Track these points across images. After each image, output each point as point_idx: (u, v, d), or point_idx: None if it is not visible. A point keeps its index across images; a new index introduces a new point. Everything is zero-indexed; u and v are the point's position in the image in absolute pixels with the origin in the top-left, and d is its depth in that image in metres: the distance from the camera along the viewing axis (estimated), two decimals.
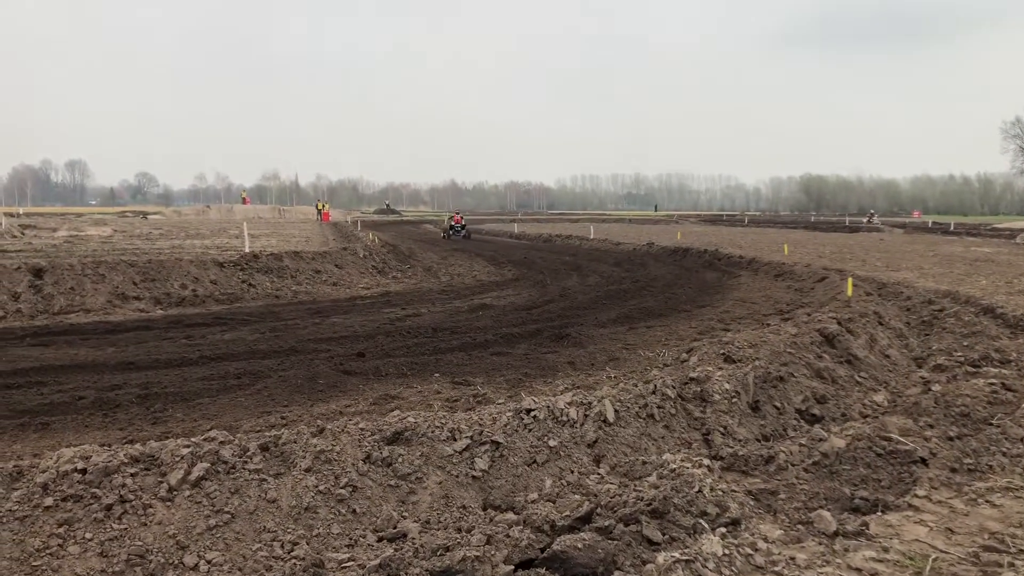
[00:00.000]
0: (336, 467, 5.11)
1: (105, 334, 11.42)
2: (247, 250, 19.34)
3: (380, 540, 4.76)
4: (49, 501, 4.36)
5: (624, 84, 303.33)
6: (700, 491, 5.03)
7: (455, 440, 5.63)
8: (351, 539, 4.72)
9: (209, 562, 4.32)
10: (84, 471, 4.54)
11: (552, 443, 5.90)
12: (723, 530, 4.61)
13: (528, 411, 6.06)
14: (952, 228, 56.18)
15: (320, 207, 68.27)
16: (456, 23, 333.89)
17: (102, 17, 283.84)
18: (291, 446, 5.17)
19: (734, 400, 7.18)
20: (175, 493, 4.61)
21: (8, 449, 6.13)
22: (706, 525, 4.70)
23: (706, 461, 5.84)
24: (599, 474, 5.82)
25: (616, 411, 6.37)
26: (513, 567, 4.26)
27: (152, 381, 8.25)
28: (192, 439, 5.08)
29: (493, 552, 4.34)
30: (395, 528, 4.88)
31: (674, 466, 5.58)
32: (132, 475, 4.62)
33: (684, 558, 3.98)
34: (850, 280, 14.11)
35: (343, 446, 5.28)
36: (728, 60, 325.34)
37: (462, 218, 44.78)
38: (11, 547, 4.14)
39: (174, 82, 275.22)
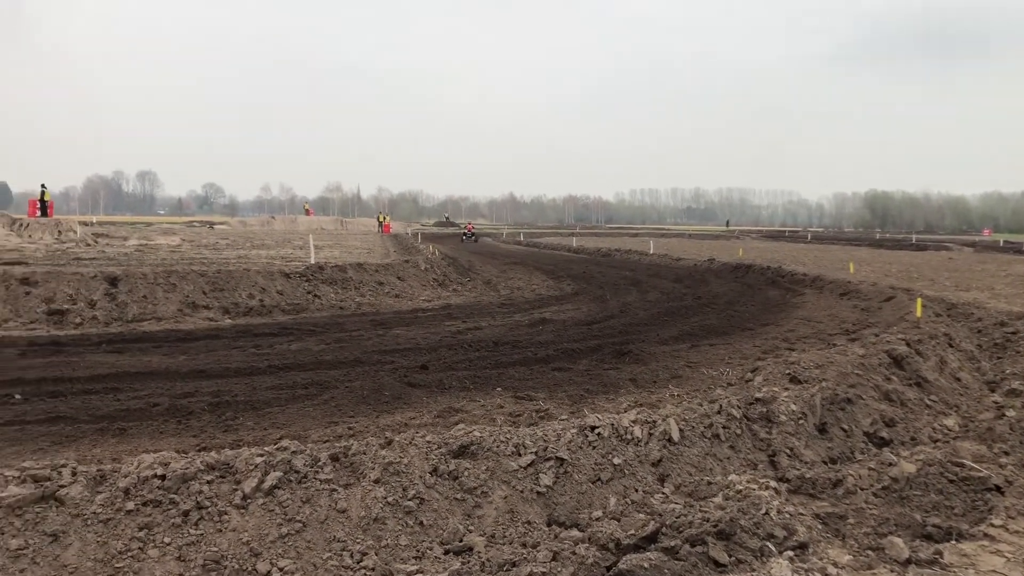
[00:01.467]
0: (404, 479, 5.19)
1: (176, 342, 11.75)
2: (312, 261, 19.70)
3: (447, 553, 4.81)
4: (130, 505, 4.52)
5: (685, 99, 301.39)
6: (767, 513, 4.99)
7: (520, 455, 5.66)
8: (418, 551, 4.78)
9: (281, 569, 4.43)
10: (163, 477, 4.69)
11: (616, 461, 5.90)
12: (791, 554, 4.57)
13: (592, 428, 6.08)
14: None
15: (381, 219, 69.20)
16: (518, 34, 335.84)
17: (171, 34, 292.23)
18: (360, 457, 5.26)
19: (800, 421, 7.08)
20: (249, 501, 4.73)
21: (88, 453, 6.34)
22: (773, 548, 4.66)
23: (772, 483, 5.77)
24: (663, 493, 5.80)
25: (681, 430, 6.34)
26: None
27: (223, 389, 8.47)
28: (265, 448, 5.21)
29: (559, 569, 4.37)
30: (461, 541, 4.93)
31: (740, 487, 5.54)
32: (208, 482, 4.77)
33: None
34: (919, 300, 13.80)
35: (411, 458, 5.36)
36: (790, 74, 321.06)
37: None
38: (95, 548, 4.29)
39: (240, 93, 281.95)
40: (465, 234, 60.88)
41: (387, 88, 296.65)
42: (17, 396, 8.11)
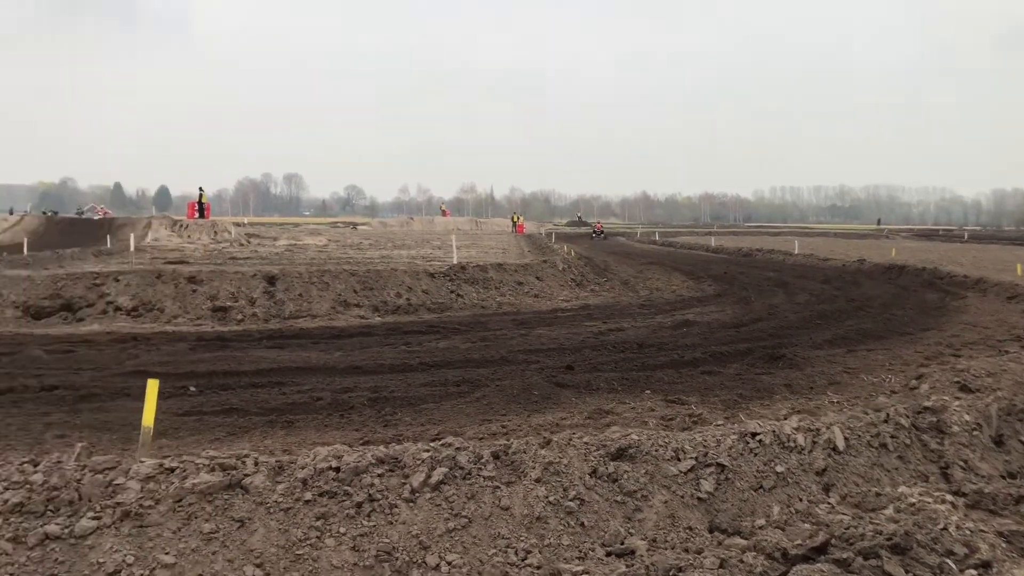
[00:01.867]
0: (564, 479, 5.22)
1: (331, 339, 12.25)
2: (455, 262, 20.12)
3: (608, 555, 4.81)
4: (308, 496, 4.74)
5: (826, 94, 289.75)
6: (945, 528, 4.75)
7: (679, 460, 5.59)
8: (581, 551, 4.80)
9: (450, 563, 4.54)
10: (338, 469, 4.89)
11: (779, 469, 5.74)
12: (973, 572, 4.33)
13: (753, 435, 5.93)
14: None
15: (515, 219, 69.98)
16: (659, 32, 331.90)
17: (314, 41, 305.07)
18: (521, 456, 5.33)
19: (975, 433, 6.69)
20: (417, 495, 4.88)
21: (260, 444, 6.69)
22: (953, 566, 4.43)
23: (948, 497, 5.48)
24: (829, 503, 5.60)
25: (846, 439, 6.11)
26: None
27: (379, 385, 8.77)
28: (431, 444, 5.36)
29: None
30: (623, 544, 4.91)
31: (913, 500, 5.29)
32: (379, 476, 4.94)
33: None
34: None
35: (570, 459, 5.38)
36: (943, 67, 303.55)
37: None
38: (278, 535, 4.53)
39: (379, 97, 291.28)
40: (594, 232, 64.36)
41: (520, 88, 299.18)
42: (192, 388, 8.65)
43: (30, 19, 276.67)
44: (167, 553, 4.28)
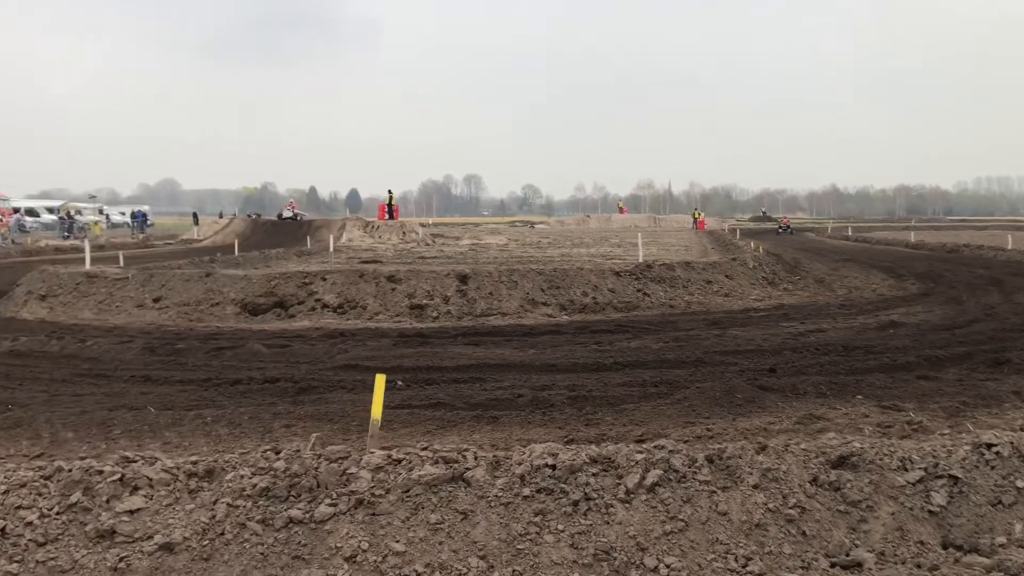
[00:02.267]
0: (783, 486, 5.05)
1: (523, 336, 12.48)
2: (640, 260, 19.98)
3: (833, 566, 4.61)
4: (526, 491, 4.84)
5: None
6: None
7: (906, 470, 5.28)
8: (803, 561, 4.63)
9: (668, 566, 4.50)
10: (553, 467, 4.97)
11: (1020, 484, 5.29)
12: None
13: (989, 446, 5.51)
14: None
15: (696, 215, 68.68)
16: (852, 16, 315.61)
17: (490, 44, 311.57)
18: (736, 460, 5.21)
19: None
20: (632, 496, 4.87)
21: (468, 437, 6.91)
22: None
23: None
24: None
25: None
26: None
27: (576, 384, 8.84)
28: (643, 446, 5.34)
29: None
30: (848, 556, 4.70)
31: None
32: (594, 475, 4.97)
33: None
34: None
35: (788, 465, 5.21)
36: None
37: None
38: (499, 529, 4.66)
39: (550, 96, 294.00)
40: (780, 227, 65.78)
41: (690, 83, 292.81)
42: (399, 383, 9.06)
43: (227, 30, 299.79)
44: (397, 541, 4.50)
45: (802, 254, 33.54)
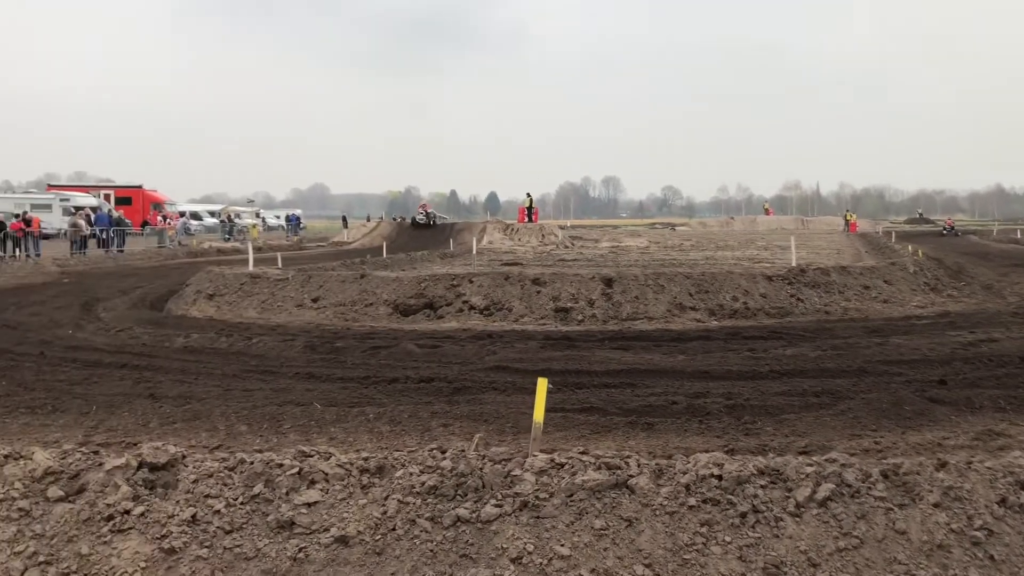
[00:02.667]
0: (967, 506, 4.76)
1: (671, 342, 12.31)
2: (793, 264, 19.34)
3: None
4: (692, 501, 4.76)
5: None
6: None
7: None
8: None
9: None
10: (720, 477, 4.87)
11: None
12: None
13: None
14: None
15: (848, 217, 65.91)
16: None
17: (628, 41, 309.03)
18: (914, 477, 4.95)
19: None
20: (803, 510, 4.71)
21: (624, 444, 6.88)
22: None
23: None
24: None
25: None
26: None
27: (732, 392, 8.64)
28: (813, 459, 5.16)
29: None
30: None
31: None
32: (762, 487, 4.84)
33: None
34: None
35: (972, 484, 4.90)
36: None
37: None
38: (664, 538, 4.60)
39: (691, 96, 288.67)
40: (945, 228, 63.83)
41: (846, 80, 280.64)
42: (549, 386, 9.09)
43: (375, 42, 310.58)
44: (562, 545, 4.52)
45: (965, 258, 31.52)
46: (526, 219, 55.69)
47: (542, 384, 5.46)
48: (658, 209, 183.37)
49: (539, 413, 5.47)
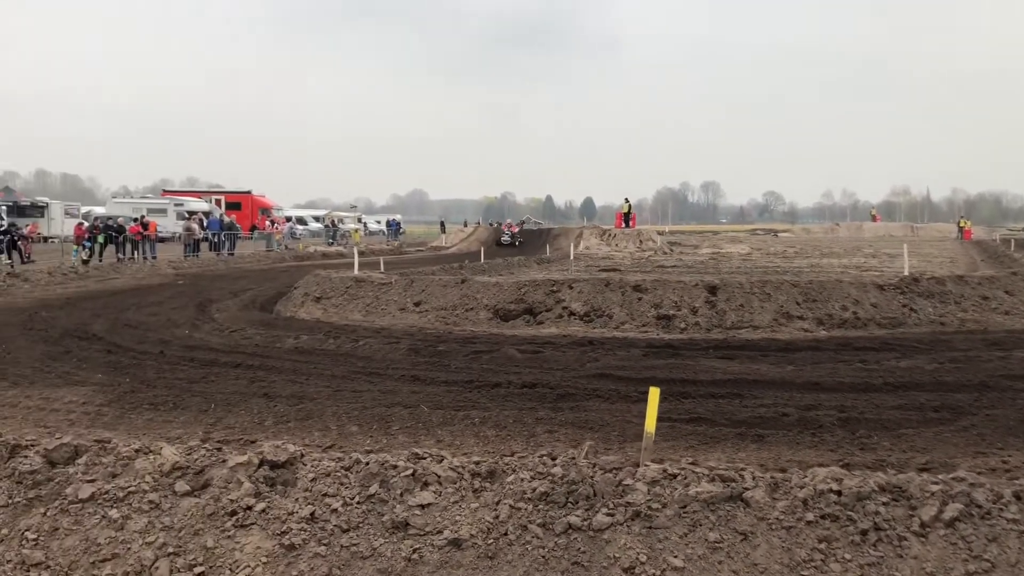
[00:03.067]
0: None
1: (779, 352, 12.01)
2: (906, 272, 18.62)
3: None
4: (810, 516, 4.64)
5: None
6: None
7: None
8: None
9: None
10: (839, 493, 4.73)
11: None
12: None
13: None
14: None
15: (962, 224, 63.05)
16: None
17: (724, 43, 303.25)
18: None
19: None
20: (928, 530, 4.53)
21: (734, 456, 6.74)
22: None
23: None
24: None
25: None
26: None
27: (845, 404, 8.37)
28: (939, 476, 4.96)
29: None
30: None
31: None
32: (883, 504, 4.68)
33: None
34: None
35: None
36: None
37: None
38: (780, 553, 4.50)
39: (793, 99, 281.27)
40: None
41: (967, 83, 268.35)
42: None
43: (471, 52, 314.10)
44: (676, 556, 4.47)
45: None
46: (623, 224, 55.37)
47: (654, 393, 5.41)
48: (759, 215, 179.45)
49: (651, 423, 5.42)
